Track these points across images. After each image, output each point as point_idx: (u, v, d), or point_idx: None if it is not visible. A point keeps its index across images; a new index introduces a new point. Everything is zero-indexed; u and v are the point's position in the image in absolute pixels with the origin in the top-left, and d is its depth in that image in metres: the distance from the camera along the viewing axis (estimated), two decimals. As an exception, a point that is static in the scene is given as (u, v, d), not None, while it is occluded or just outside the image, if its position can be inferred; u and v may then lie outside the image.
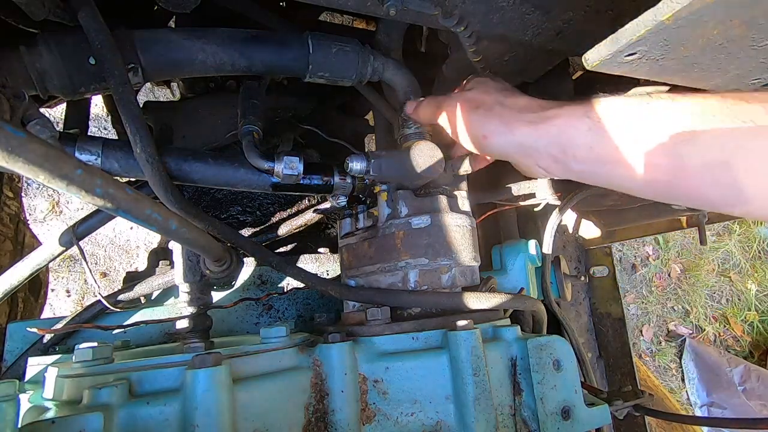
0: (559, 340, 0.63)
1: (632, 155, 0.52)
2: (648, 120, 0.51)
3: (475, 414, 0.56)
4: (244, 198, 0.97)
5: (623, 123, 0.52)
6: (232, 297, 0.80)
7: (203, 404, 0.46)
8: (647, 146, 0.51)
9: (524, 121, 0.60)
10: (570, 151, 0.56)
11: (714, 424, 0.91)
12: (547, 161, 0.60)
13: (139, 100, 0.63)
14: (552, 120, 0.57)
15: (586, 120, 0.54)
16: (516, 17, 0.68)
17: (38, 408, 0.56)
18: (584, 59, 0.52)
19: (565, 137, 0.56)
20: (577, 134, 0.55)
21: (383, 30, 0.81)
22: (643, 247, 3.35)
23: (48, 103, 0.82)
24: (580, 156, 0.56)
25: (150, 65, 0.64)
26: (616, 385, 1.18)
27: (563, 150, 0.57)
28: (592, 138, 0.54)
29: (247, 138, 0.70)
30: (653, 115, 0.51)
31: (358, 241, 0.73)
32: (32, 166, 0.28)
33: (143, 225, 0.42)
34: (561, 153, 0.57)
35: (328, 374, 0.58)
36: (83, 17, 0.56)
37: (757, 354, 3.23)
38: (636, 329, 3.14)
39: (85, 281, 2.46)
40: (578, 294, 1.22)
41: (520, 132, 0.60)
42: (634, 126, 0.52)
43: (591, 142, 0.54)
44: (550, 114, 0.58)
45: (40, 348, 0.71)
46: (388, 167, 0.71)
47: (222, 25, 0.70)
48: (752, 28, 0.45)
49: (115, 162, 0.63)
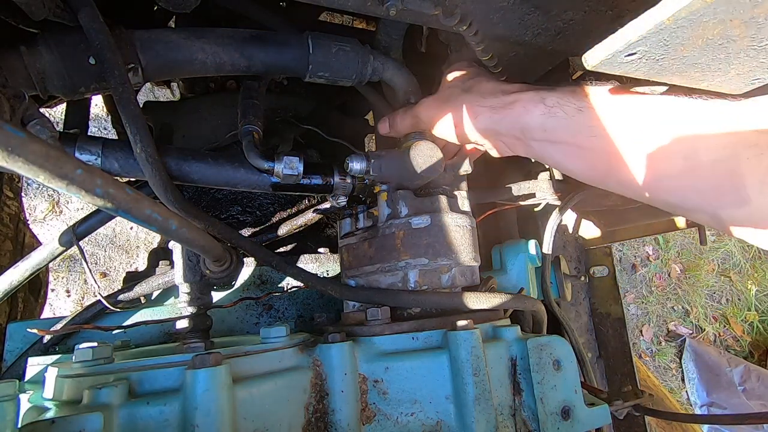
0: (559, 340, 0.63)
1: (576, 140, 0.59)
2: (601, 111, 0.57)
3: (475, 414, 0.56)
4: (244, 198, 0.97)
5: (571, 110, 0.58)
6: (232, 297, 0.80)
7: (203, 404, 0.46)
8: (590, 134, 0.57)
9: (486, 107, 0.66)
10: (527, 132, 0.63)
11: (713, 422, 0.92)
12: (511, 140, 0.67)
13: (139, 100, 0.63)
14: (511, 105, 0.63)
15: (541, 106, 0.61)
16: (516, 17, 0.68)
17: (38, 408, 0.56)
18: (584, 59, 0.52)
19: (522, 120, 0.63)
20: (531, 118, 0.62)
21: (383, 30, 0.81)
22: (643, 247, 3.35)
23: (48, 103, 0.82)
24: (536, 136, 0.63)
25: (150, 65, 0.64)
26: (616, 385, 1.18)
27: (522, 131, 0.63)
28: (544, 121, 0.61)
29: (247, 138, 0.70)
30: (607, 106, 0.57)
31: (358, 241, 0.73)
32: (32, 166, 0.28)
33: (143, 225, 0.42)
34: (520, 134, 0.64)
35: (328, 374, 0.58)
36: (83, 17, 0.56)
37: (757, 354, 3.23)
38: (636, 329, 3.14)
39: (85, 281, 2.46)
40: (578, 294, 1.22)
41: (483, 117, 0.66)
42: (587, 115, 0.57)
43: (544, 125, 0.61)
44: (510, 99, 0.64)
45: (40, 348, 0.71)
46: (388, 167, 0.72)
47: (222, 25, 0.70)
48: (752, 28, 0.45)
49: (115, 162, 0.63)
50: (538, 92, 0.62)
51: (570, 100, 0.59)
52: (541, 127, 0.61)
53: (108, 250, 2.54)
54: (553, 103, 0.60)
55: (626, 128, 0.55)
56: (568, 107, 0.59)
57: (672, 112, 0.53)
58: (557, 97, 0.60)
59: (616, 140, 0.55)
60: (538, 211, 1.01)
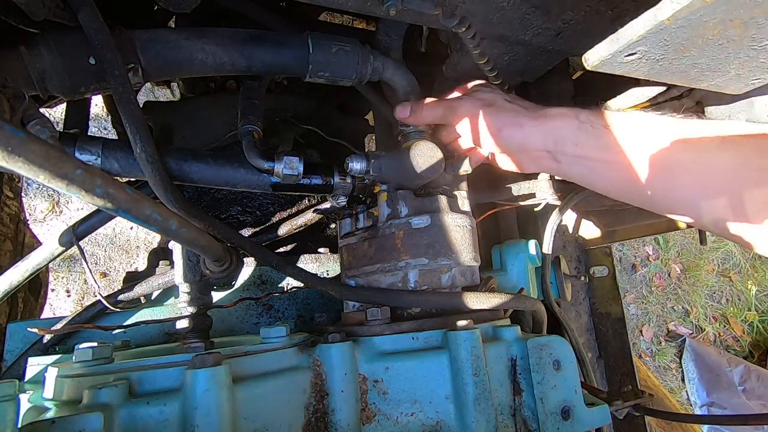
0: (559, 340, 0.63)
1: (603, 155, 0.62)
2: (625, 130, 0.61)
3: (475, 414, 0.56)
4: (244, 198, 0.97)
5: (600, 126, 0.62)
6: (232, 297, 0.80)
7: (203, 404, 0.46)
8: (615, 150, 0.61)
9: (529, 117, 0.68)
10: (560, 146, 0.65)
11: (713, 422, 0.92)
12: (541, 156, 0.69)
13: (139, 100, 0.63)
14: (549, 119, 0.66)
15: (575, 120, 0.64)
16: (516, 17, 0.68)
17: (38, 408, 0.56)
18: (584, 59, 0.52)
19: (557, 132, 0.65)
20: (567, 131, 0.65)
21: (383, 30, 0.81)
22: (643, 247, 3.35)
23: (48, 103, 0.82)
24: (567, 150, 0.65)
25: (150, 65, 0.64)
26: (616, 385, 1.17)
27: (554, 143, 0.66)
28: (577, 135, 0.64)
29: (247, 138, 0.70)
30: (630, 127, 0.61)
31: (358, 241, 0.73)
32: (32, 166, 0.28)
33: (143, 225, 0.42)
34: (552, 146, 0.66)
35: (328, 374, 0.58)
36: (83, 17, 0.56)
37: (757, 354, 3.23)
38: (636, 329, 3.14)
39: (85, 281, 2.46)
40: (578, 294, 1.22)
41: (528, 125, 0.68)
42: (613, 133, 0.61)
43: (576, 139, 0.64)
44: (549, 112, 0.67)
45: (40, 348, 0.71)
46: (388, 167, 0.71)
47: (222, 25, 0.70)
48: (752, 28, 0.45)
49: (115, 162, 0.63)
50: (572, 108, 0.66)
51: (599, 117, 0.63)
52: (574, 140, 0.64)
53: (108, 250, 2.54)
54: (585, 119, 0.64)
55: (646, 147, 0.59)
56: (597, 124, 0.63)
57: (683, 133, 0.57)
58: (588, 113, 0.64)
59: (637, 157, 0.59)
60: (538, 211, 1.01)
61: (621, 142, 0.60)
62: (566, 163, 0.67)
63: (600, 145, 0.62)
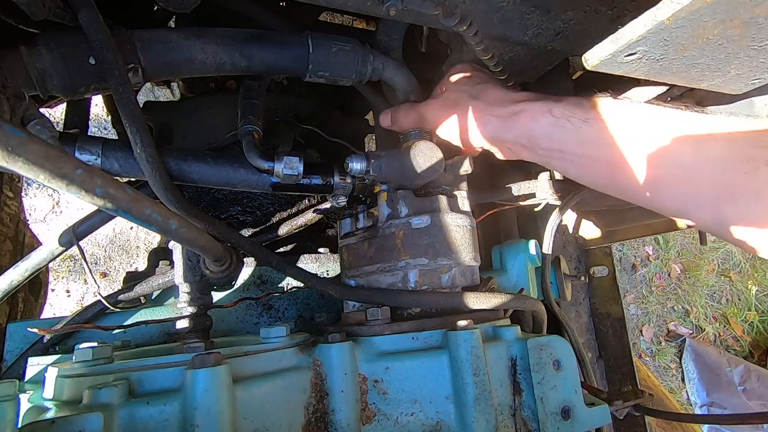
0: (559, 340, 0.63)
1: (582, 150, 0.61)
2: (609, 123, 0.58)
3: (475, 414, 0.56)
4: (244, 198, 0.97)
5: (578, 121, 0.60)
6: (232, 297, 0.80)
7: (203, 404, 0.46)
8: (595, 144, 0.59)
9: (495, 116, 0.67)
10: (534, 141, 0.65)
11: (713, 422, 0.92)
12: (518, 148, 0.68)
13: (139, 100, 0.63)
14: (519, 115, 0.65)
15: (549, 116, 0.62)
16: (516, 17, 0.68)
17: (38, 408, 0.56)
18: (584, 59, 0.52)
19: (529, 130, 0.65)
20: (539, 128, 0.64)
21: (383, 30, 0.80)
22: (643, 247, 3.35)
23: (48, 103, 0.82)
24: (543, 145, 0.64)
25: (150, 65, 0.64)
26: (616, 385, 1.18)
27: (529, 140, 0.65)
28: (551, 132, 0.63)
29: (247, 138, 0.70)
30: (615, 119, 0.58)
31: (358, 241, 0.73)
32: (32, 166, 0.28)
33: (143, 225, 0.42)
34: (527, 142, 0.66)
35: (328, 374, 0.58)
36: (83, 17, 0.56)
37: (757, 354, 3.23)
38: (636, 329, 3.14)
39: (85, 281, 2.46)
40: (578, 294, 1.22)
41: (491, 126, 0.68)
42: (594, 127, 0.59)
43: (550, 135, 0.63)
44: (518, 108, 0.66)
45: (40, 348, 0.71)
46: (388, 167, 0.71)
47: (222, 25, 0.70)
48: (752, 28, 0.45)
49: (115, 162, 0.63)
50: (546, 102, 0.64)
51: (576, 112, 0.61)
52: (549, 137, 0.63)
53: (108, 250, 2.54)
54: (560, 114, 0.61)
55: (630, 140, 0.57)
56: (574, 118, 0.61)
57: (673, 125, 0.55)
58: (564, 107, 0.62)
59: (620, 151, 0.57)
60: (538, 211, 1.01)
61: (604, 135, 0.58)
62: (545, 156, 0.66)
63: (580, 141, 0.61)
